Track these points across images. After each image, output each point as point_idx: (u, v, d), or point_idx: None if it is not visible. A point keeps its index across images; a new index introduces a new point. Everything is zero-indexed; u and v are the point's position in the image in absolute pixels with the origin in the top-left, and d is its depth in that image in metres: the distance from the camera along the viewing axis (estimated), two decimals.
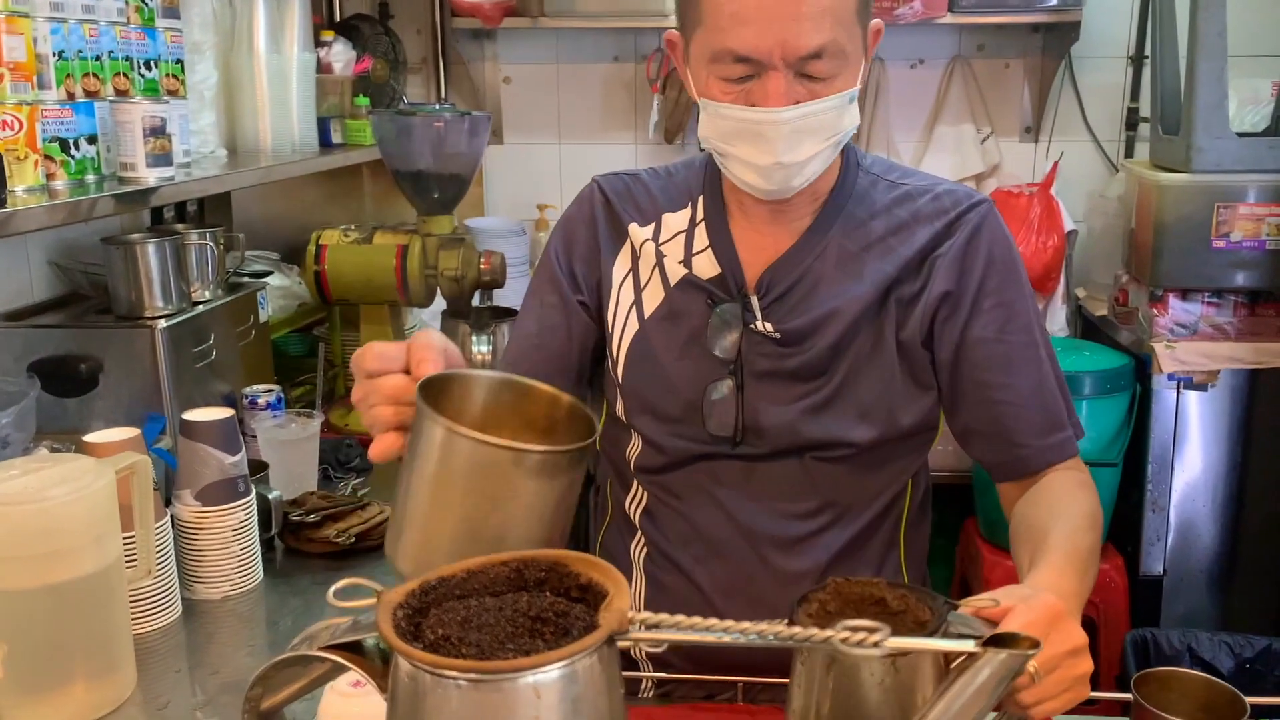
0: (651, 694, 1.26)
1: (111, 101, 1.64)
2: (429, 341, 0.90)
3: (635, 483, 1.27)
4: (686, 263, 1.20)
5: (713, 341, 1.18)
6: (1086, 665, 0.83)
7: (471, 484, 0.76)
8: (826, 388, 1.17)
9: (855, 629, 0.54)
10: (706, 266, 1.19)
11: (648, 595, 1.27)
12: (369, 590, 0.62)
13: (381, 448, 0.89)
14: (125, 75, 1.71)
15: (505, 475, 0.75)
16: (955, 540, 2.90)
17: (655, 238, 1.23)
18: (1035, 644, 0.60)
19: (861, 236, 1.17)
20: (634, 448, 1.25)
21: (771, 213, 1.17)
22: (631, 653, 1.25)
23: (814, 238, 1.17)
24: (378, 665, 0.63)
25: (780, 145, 1.05)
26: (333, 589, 0.61)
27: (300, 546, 1.57)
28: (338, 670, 0.64)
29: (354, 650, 0.63)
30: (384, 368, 0.90)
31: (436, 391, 0.83)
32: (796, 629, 0.56)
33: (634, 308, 1.23)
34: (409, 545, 0.80)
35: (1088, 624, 2.54)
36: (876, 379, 1.17)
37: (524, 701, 0.55)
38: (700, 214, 1.21)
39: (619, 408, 1.25)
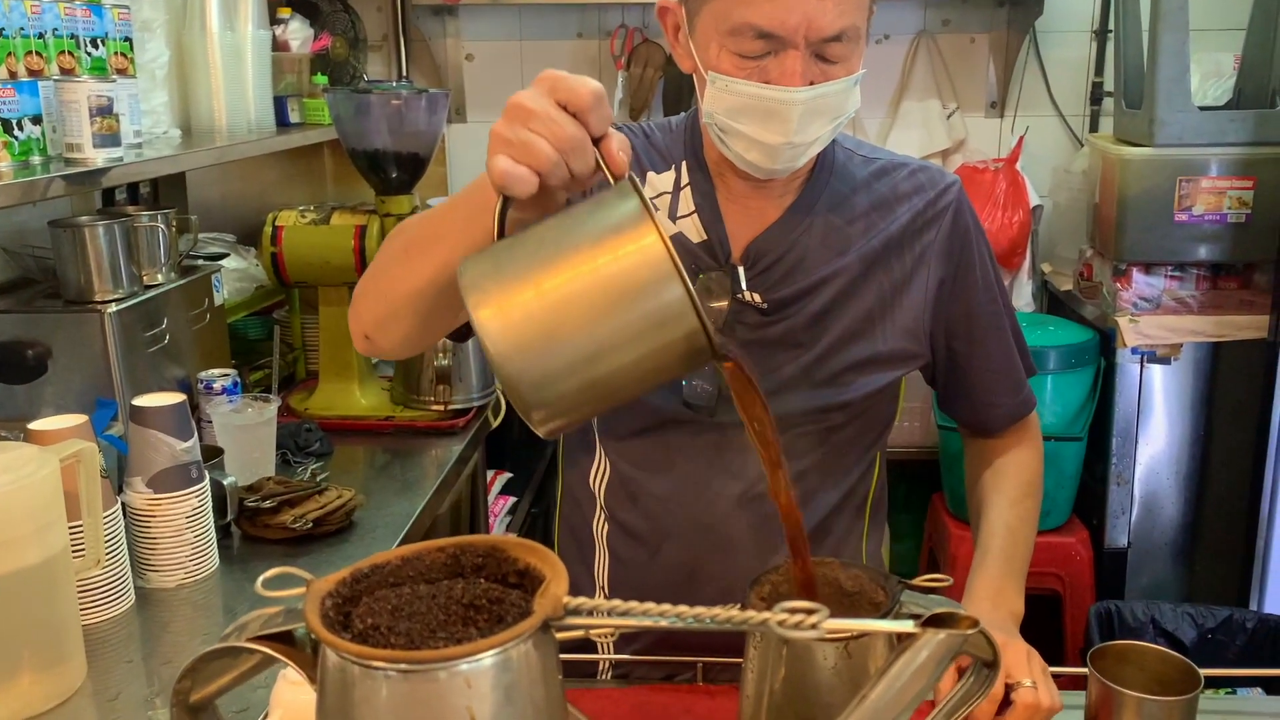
0: (609, 675, 1.25)
1: (56, 80, 1.60)
2: (623, 135, 0.80)
3: (600, 452, 1.25)
4: (673, 222, 1.18)
5: None
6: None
7: (633, 315, 0.69)
8: (805, 358, 1.16)
9: (793, 610, 0.53)
10: (692, 231, 1.17)
11: (610, 571, 1.26)
12: (302, 579, 0.60)
13: (515, 178, 0.75)
14: (70, 53, 1.67)
15: (669, 325, 0.69)
16: (923, 515, 2.92)
17: None
18: (974, 623, 0.59)
19: (846, 211, 1.18)
20: None
21: (754, 186, 1.16)
22: (589, 634, 1.24)
23: (801, 212, 1.17)
24: (309, 656, 0.61)
25: (793, 125, 1.04)
26: (261, 578, 0.59)
27: (257, 533, 1.55)
28: (269, 662, 0.62)
29: (285, 641, 0.62)
30: (578, 109, 0.76)
31: None
32: (733, 612, 0.55)
33: None
34: (514, 317, 0.70)
35: (1052, 598, 2.56)
36: (856, 352, 1.17)
37: (455, 691, 0.54)
38: (685, 179, 1.19)
39: None
